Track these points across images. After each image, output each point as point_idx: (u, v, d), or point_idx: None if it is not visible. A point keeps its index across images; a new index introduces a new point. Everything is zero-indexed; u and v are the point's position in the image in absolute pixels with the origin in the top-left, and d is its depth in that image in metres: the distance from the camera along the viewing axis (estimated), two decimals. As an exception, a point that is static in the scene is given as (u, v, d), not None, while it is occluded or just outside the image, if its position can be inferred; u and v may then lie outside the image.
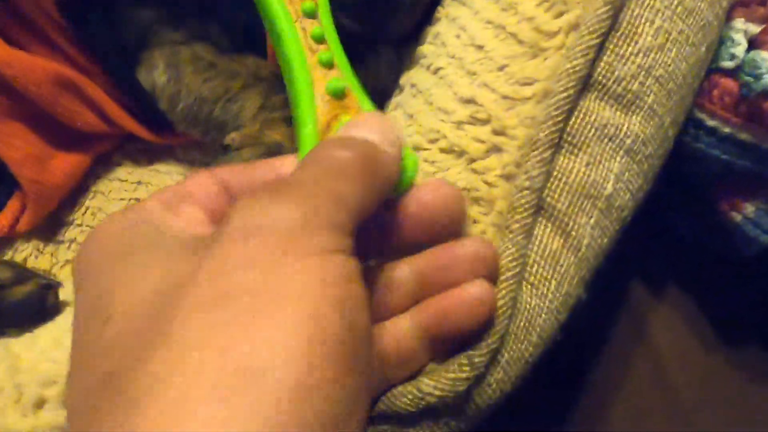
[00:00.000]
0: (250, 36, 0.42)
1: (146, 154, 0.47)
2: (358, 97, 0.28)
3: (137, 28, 0.41)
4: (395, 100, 0.36)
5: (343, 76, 0.29)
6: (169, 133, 0.43)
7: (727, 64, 0.37)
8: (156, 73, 0.40)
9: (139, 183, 0.46)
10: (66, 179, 0.44)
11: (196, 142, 0.44)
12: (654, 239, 0.47)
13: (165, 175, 0.46)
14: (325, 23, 0.30)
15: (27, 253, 0.44)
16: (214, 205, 0.23)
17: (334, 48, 0.29)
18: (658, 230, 0.46)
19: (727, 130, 0.38)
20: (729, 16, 0.37)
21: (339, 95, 0.28)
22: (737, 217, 0.40)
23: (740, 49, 0.37)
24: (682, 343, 0.48)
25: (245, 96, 0.37)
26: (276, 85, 0.37)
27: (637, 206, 0.32)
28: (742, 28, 0.37)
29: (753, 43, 0.37)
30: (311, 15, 0.30)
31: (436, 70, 0.33)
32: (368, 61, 0.37)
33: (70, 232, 0.45)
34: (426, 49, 0.35)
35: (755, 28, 0.37)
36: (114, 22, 0.41)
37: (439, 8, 0.37)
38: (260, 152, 0.33)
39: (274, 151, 0.33)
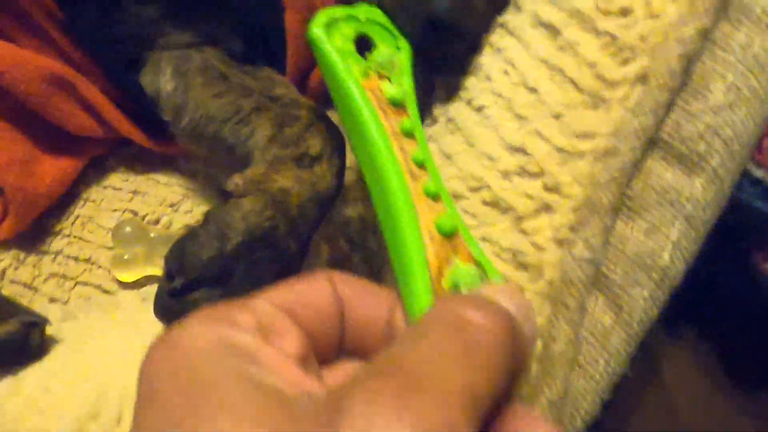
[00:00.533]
0: (267, 40, 0.38)
1: (143, 161, 0.43)
2: (464, 236, 0.24)
3: (141, 25, 0.37)
4: (427, 131, 0.33)
5: (449, 210, 0.25)
6: (171, 141, 0.39)
7: (783, 113, 0.35)
8: (162, 79, 0.37)
9: (135, 192, 0.42)
10: (54, 186, 0.40)
11: (200, 151, 0.40)
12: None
13: (164, 186, 0.42)
14: (421, 143, 0.26)
15: (5, 264, 0.40)
16: (320, 330, 0.21)
17: (431, 170, 0.26)
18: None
19: (774, 182, 0.36)
20: (788, 62, 0.35)
21: (450, 234, 0.24)
22: (772, 271, 0.39)
23: (798, 99, 0.34)
24: (695, 387, 0.47)
25: (257, 120, 0.33)
26: (291, 109, 0.33)
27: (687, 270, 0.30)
28: (802, 76, 0.34)
29: (813, 94, 0.34)
30: (410, 134, 0.26)
31: (480, 108, 0.30)
32: None
33: (56, 243, 0.41)
34: (467, 81, 0.32)
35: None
36: (115, 17, 0.37)
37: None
38: (264, 201, 0.29)
39: (280, 199, 0.30)
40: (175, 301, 0.28)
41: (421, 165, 0.25)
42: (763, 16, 0.27)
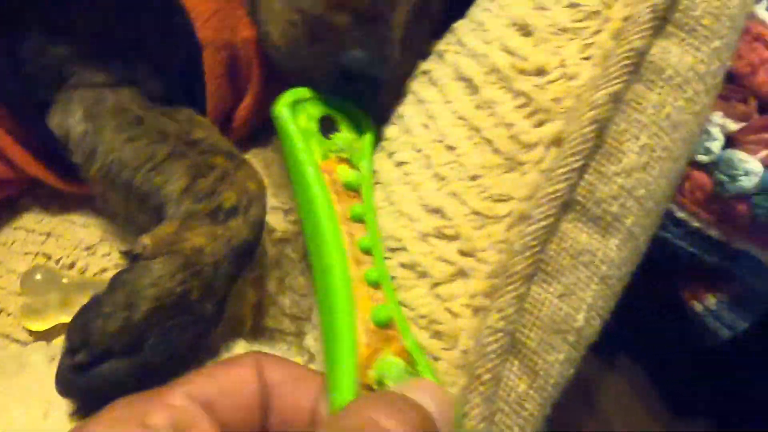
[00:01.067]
0: (187, 80, 0.37)
1: (59, 201, 0.41)
2: (399, 325, 0.25)
3: (49, 65, 0.35)
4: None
5: (387, 298, 0.25)
6: (85, 182, 0.37)
7: (702, 158, 0.35)
8: (71, 122, 0.35)
9: (49, 234, 0.40)
10: (-41, 230, 0.37)
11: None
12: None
13: (81, 227, 0.40)
14: (371, 228, 0.26)
15: None
16: (239, 421, 0.21)
17: (377, 257, 0.26)
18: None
19: (696, 224, 0.37)
20: (707, 108, 0.35)
21: (385, 325, 0.24)
22: (698, 307, 0.40)
23: (716, 145, 0.35)
24: (631, 414, 0.48)
25: (171, 168, 0.31)
26: (207, 157, 0.32)
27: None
28: (719, 123, 0.35)
29: (730, 141, 0.35)
30: (360, 219, 0.26)
31: (400, 163, 0.30)
32: None
33: (-38, 289, 0.38)
34: (389, 132, 0.31)
35: (733, 125, 0.35)
36: (22, 55, 0.35)
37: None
38: (177, 264, 0.28)
39: (193, 261, 0.28)
40: (79, 376, 0.26)
41: (366, 251, 0.25)
42: (675, 76, 0.28)
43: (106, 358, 0.26)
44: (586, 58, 0.27)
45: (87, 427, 0.19)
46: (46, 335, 0.38)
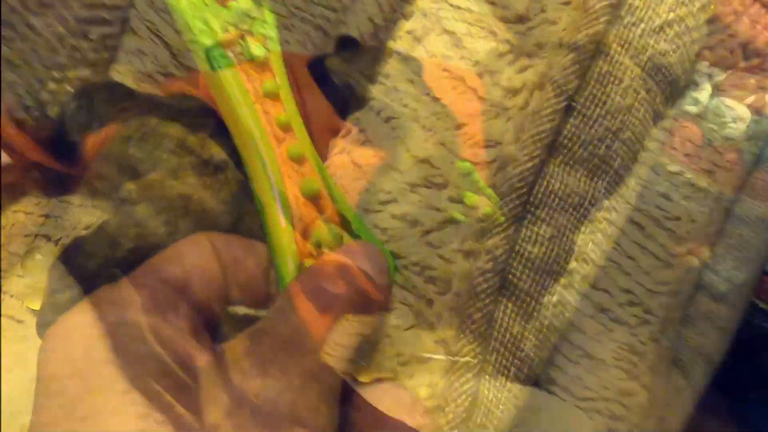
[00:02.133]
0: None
1: (55, 184, 0.41)
2: (330, 192, 0.25)
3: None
4: (341, 143, 0.33)
5: (315, 169, 0.25)
6: (84, 162, 0.38)
7: (691, 108, 0.35)
8: (65, 99, 0.35)
9: (47, 216, 0.40)
10: (-41, 215, 0.38)
11: (115, 171, 0.39)
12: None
13: (78, 208, 0.40)
14: (287, 102, 0.26)
15: None
16: (208, 297, 0.22)
17: (298, 131, 0.26)
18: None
19: (688, 176, 0.37)
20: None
21: (315, 197, 0.24)
22: (694, 262, 0.40)
23: (704, 95, 0.35)
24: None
25: (162, 132, 0.32)
26: (198, 118, 0.32)
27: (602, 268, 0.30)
28: (706, 72, 0.35)
29: (717, 90, 0.35)
30: (274, 96, 0.25)
31: (388, 119, 0.30)
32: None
33: (-34, 274, 0.39)
34: (376, 90, 0.32)
35: (720, 74, 0.35)
36: (16, 35, 0.35)
37: (390, 42, 0.33)
38: (160, 207, 0.28)
39: (178, 205, 0.28)
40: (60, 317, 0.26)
41: (285, 127, 0.25)
42: (655, 18, 0.28)
43: None
44: (566, 3, 0.27)
45: (78, 308, 0.20)
46: (49, 314, 0.38)
